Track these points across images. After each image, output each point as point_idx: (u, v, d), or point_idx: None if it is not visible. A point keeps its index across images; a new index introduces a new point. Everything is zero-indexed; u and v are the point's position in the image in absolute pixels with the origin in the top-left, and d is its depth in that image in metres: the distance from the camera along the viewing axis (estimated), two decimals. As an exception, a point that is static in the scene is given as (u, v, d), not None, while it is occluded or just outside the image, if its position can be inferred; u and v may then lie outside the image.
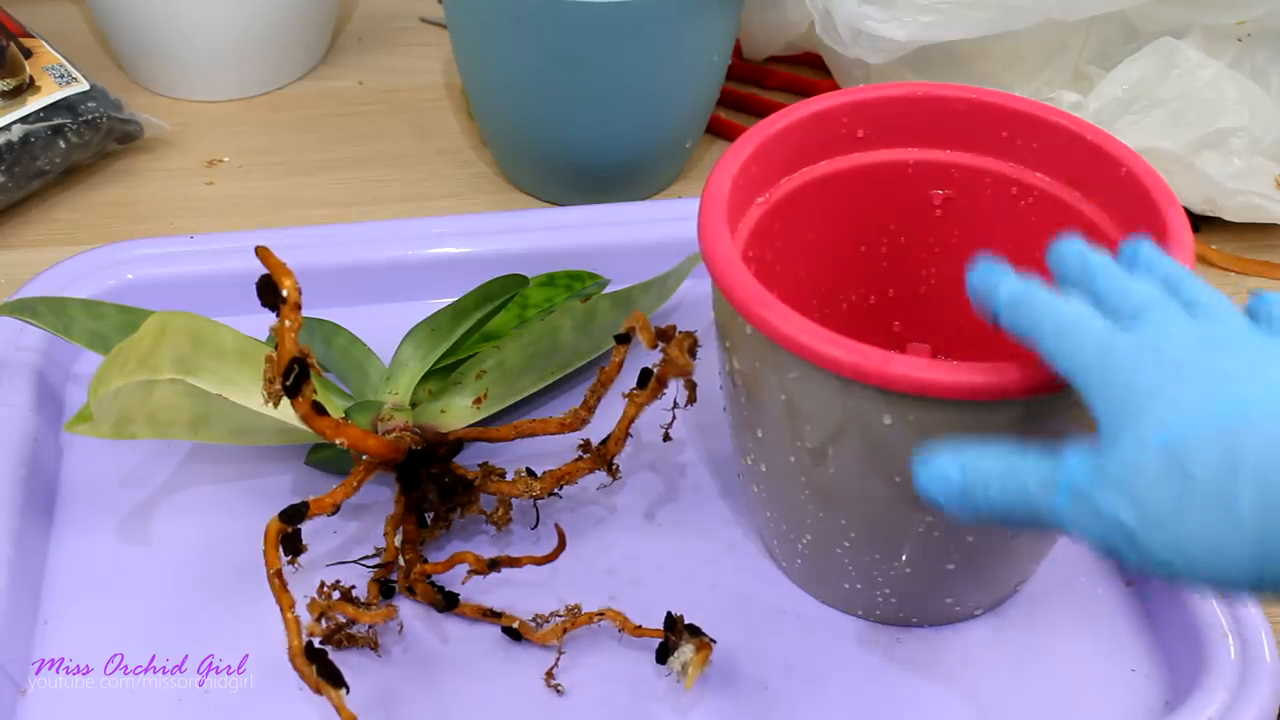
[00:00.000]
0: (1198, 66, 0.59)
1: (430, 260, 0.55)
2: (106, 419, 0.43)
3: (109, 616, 0.45)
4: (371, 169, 0.65)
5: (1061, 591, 0.46)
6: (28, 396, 0.49)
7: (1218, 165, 0.59)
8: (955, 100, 0.44)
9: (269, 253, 0.36)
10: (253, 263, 0.37)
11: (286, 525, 0.39)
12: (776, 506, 0.44)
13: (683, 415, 0.46)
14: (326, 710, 0.39)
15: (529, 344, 0.49)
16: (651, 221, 0.56)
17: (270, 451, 0.49)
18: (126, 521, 0.48)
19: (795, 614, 0.45)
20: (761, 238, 0.43)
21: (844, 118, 0.44)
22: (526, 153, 0.62)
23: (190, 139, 0.67)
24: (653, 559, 0.47)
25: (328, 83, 0.71)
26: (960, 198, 0.46)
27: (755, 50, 0.70)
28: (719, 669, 0.43)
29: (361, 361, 0.50)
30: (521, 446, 0.49)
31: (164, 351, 0.42)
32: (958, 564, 0.41)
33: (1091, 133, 0.42)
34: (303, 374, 0.37)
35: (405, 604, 0.45)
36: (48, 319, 0.48)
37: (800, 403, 0.38)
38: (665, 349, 0.42)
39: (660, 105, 0.60)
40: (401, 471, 0.44)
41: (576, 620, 0.43)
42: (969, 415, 0.36)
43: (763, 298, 0.37)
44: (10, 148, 0.60)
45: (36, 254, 0.60)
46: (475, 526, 0.48)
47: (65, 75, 0.63)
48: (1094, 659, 0.44)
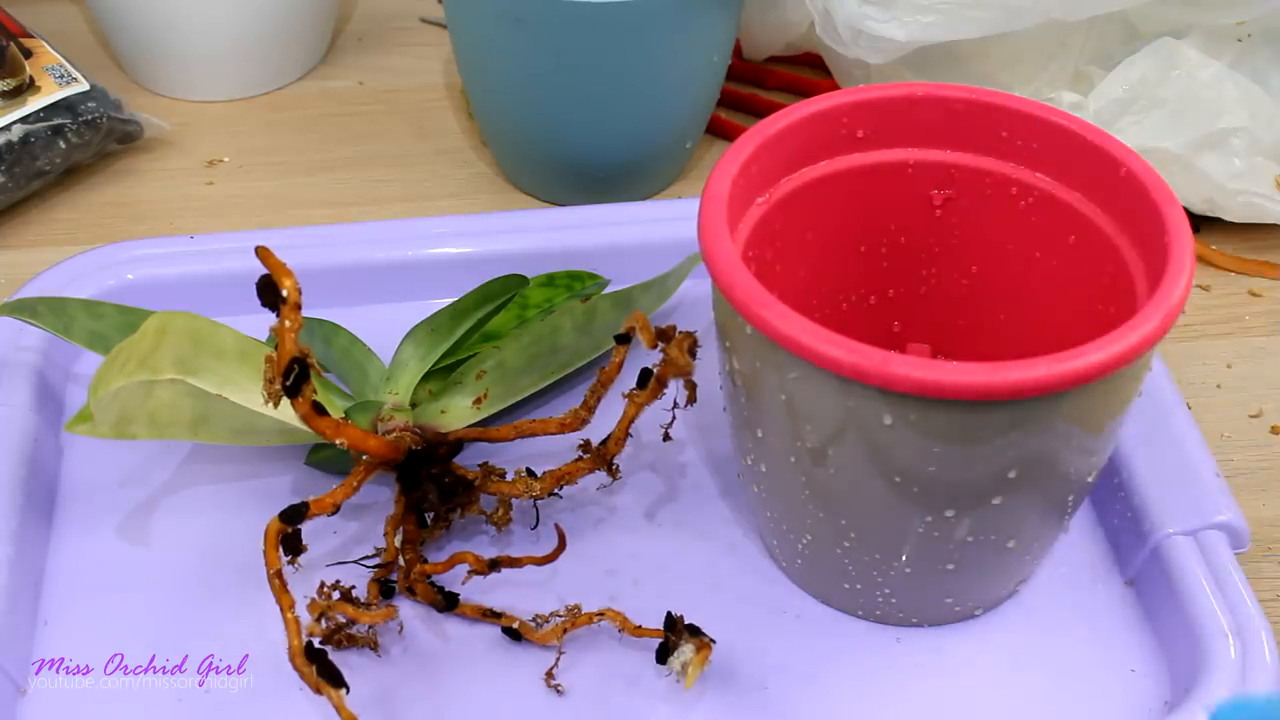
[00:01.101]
0: (1198, 66, 0.59)
1: (430, 260, 0.55)
2: (106, 419, 0.43)
3: (109, 616, 0.45)
4: (371, 169, 0.65)
5: (1061, 591, 0.46)
6: (28, 396, 0.49)
7: (1218, 165, 0.59)
8: (955, 100, 0.44)
9: (269, 253, 0.36)
10: (253, 263, 0.37)
11: (286, 525, 0.39)
12: (776, 506, 0.44)
13: (683, 415, 0.46)
14: (326, 710, 0.39)
15: (529, 344, 0.49)
16: (651, 221, 0.56)
17: (270, 451, 0.49)
18: (126, 521, 0.48)
19: (795, 614, 0.45)
20: (761, 238, 0.43)
21: (844, 118, 0.44)
22: (526, 153, 0.62)
23: (190, 139, 0.67)
24: (653, 559, 0.47)
25: (328, 83, 0.71)
26: (960, 198, 0.46)
27: (755, 50, 0.70)
28: (719, 669, 0.43)
29: (361, 361, 0.50)
30: (521, 446, 0.49)
31: (164, 351, 0.42)
32: (958, 564, 0.41)
33: (1091, 133, 0.42)
34: (303, 374, 0.37)
35: (405, 604, 0.45)
36: (48, 319, 0.48)
37: (800, 403, 0.38)
38: (665, 349, 0.42)
39: (660, 105, 0.60)
40: (401, 471, 0.44)
41: (576, 620, 0.43)
42: (969, 415, 0.36)
43: (763, 298, 0.37)
44: (10, 148, 0.60)
45: (36, 254, 0.60)
46: (475, 526, 0.48)
47: (65, 75, 0.63)
48: (1094, 659, 0.44)
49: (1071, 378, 0.35)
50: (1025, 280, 0.46)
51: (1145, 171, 0.41)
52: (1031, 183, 0.44)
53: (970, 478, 0.38)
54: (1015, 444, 0.37)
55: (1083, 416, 0.38)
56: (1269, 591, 0.47)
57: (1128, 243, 0.41)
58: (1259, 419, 0.53)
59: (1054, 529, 0.43)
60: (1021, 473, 0.38)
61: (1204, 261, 0.60)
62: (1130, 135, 0.59)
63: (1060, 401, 0.36)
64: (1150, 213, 0.40)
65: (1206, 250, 0.60)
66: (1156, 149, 0.58)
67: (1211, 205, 0.60)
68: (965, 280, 0.47)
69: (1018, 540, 0.41)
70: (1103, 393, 0.37)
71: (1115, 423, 0.39)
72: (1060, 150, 0.43)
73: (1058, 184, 0.44)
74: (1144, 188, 0.41)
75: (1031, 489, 0.39)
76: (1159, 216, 0.40)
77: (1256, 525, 0.48)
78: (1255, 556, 0.48)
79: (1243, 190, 0.59)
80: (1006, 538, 0.41)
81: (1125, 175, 0.41)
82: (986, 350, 0.47)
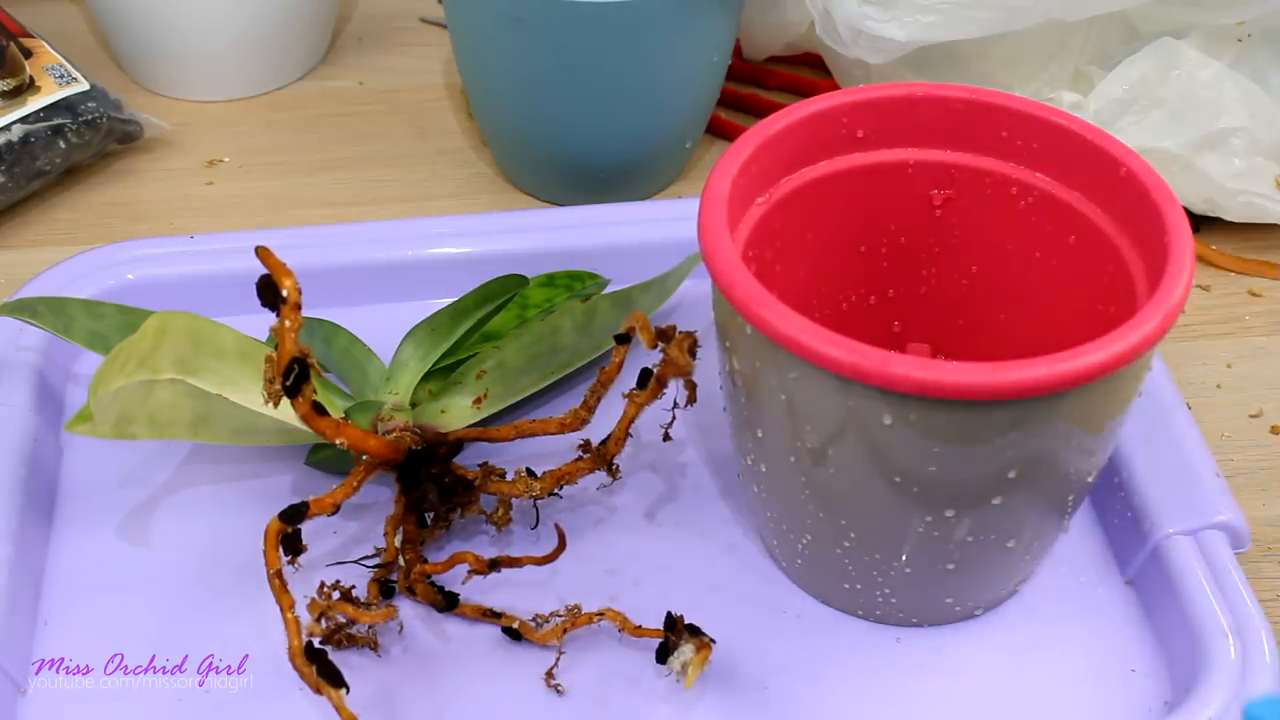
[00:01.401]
0: (1198, 66, 0.59)
1: (430, 260, 0.55)
2: (106, 419, 0.43)
3: (109, 616, 0.45)
4: (371, 169, 0.65)
5: (1061, 591, 0.46)
6: (28, 396, 0.49)
7: (1218, 165, 0.59)
8: (955, 100, 0.44)
9: (269, 253, 0.36)
10: (253, 263, 0.37)
11: (286, 525, 0.39)
12: (776, 506, 0.44)
13: (683, 415, 0.46)
14: (326, 710, 0.39)
15: (529, 344, 0.49)
16: (651, 221, 0.56)
17: (270, 451, 0.49)
18: (126, 521, 0.48)
19: (795, 614, 0.45)
20: (761, 238, 0.43)
21: (844, 118, 0.44)
22: (526, 153, 0.62)
23: (190, 139, 0.67)
24: (653, 559, 0.47)
25: (328, 83, 0.71)
26: (960, 198, 0.46)
27: (755, 50, 0.70)
28: (719, 669, 0.43)
29: (361, 361, 0.50)
30: (521, 446, 0.49)
31: (164, 351, 0.42)
32: (958, 564, 0.41)
33: (1091, 133, 0.42)
34: (303, 374, 0.37)
35: (405, 604, 0.45)
36: (48, 319, 0.48)
37: (800, 403, 0.38)
38: (665, 349, 0.42)
39: (660, 105, 0.60)
40: (401, 471, 0.44)
41: (576, 620, 0.43)
42: (969, 415, 0.36)
43: (763, 298, 0.37)
44: (10, 148, 0.60)
45: (36, 254, 0.60)
46: (475, 526, 0.48)
47: (65, 75, 0.63)
48: (1094, 659, 0.44)
49: (1071, 378, 0.35)
50: (1025, 280, 0.46)
51: (1145, 171, 0.41)
52: (1031, 183, 0.44)
53: (970, 478, 0.38)
54: (1015, 444, 0.37)
55: (1083, 416, 0.38)
56: (1269, 591, 0.47)
57: (1128, 243, 0.41)
58: (1259, 419, 0.53)
59: (1054, 529, 0.43)
60: (1021, 473, 0.38)
61: (1204, 261, 0.60)
62: (1130, 135, 0.59)
63: (1060, 401, 0.36)
64: (1150, 213, 0.40)
65: (1206, 250, 0.61)
66: (1156, 149, 0.58)
67: (1211, 205, 0.60)
68: (965, 280, 0.47)
69: (1018, 540, 0.41)
70: (1103, 393, 0.37)
71: (1115, 423, 0.39)
72: (1060, 150, 0.43)
73: (1058, 184, 0.44)
74: (1144, 188, 0.41)
75: (1031, 489, 0.39)
76: (1159, 216, 0.40)
77: (1256, 525, 0.48)
78: (1255, 556, 0.48)
79: (1243, 190, 0.59)
80: (1006, 537, 0.41)
81: (1125, 175, 0.41)
82: (986, 350, 0.47)
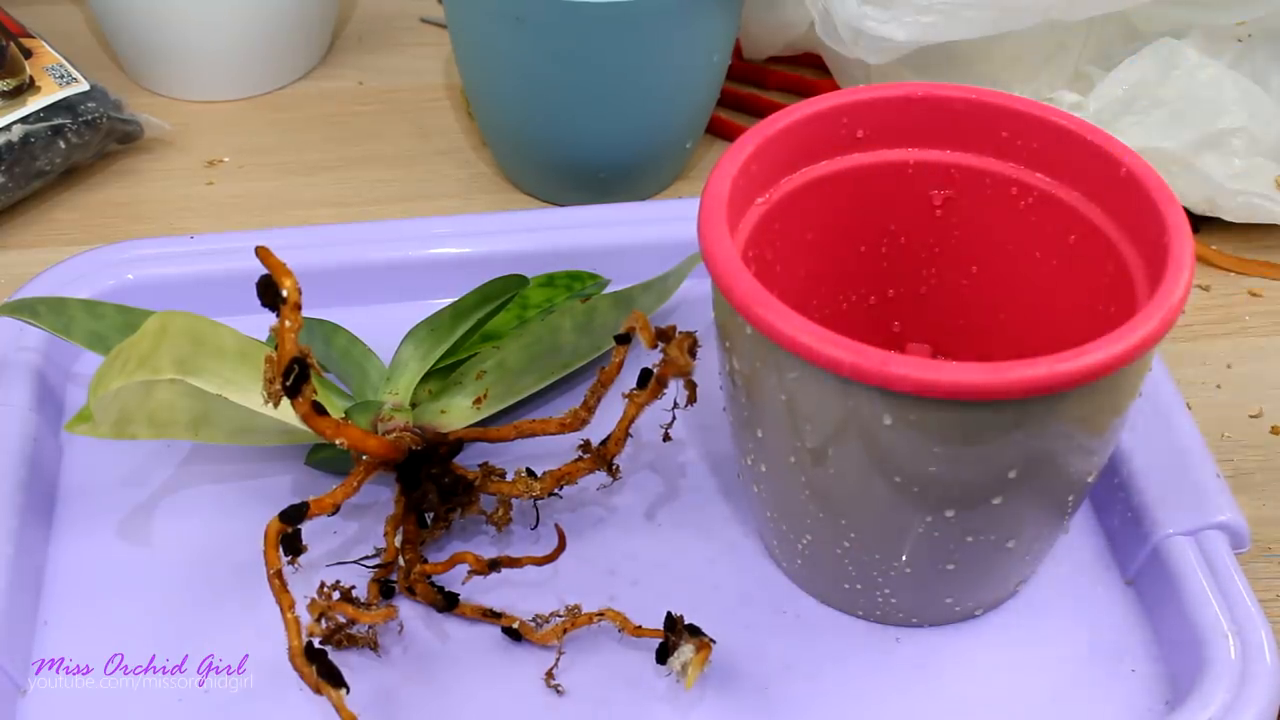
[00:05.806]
0: (1198, 66, 0.59)
1: (430, 260, 0.55)
2: (106, 419, 0.43)
3: (109, 616, 0.45)
4: (371, 169, 0.65)
5: (1061, 591, 0.46)
6: (28, 396, 0.49)
7: (1218, 165, 0.59)
8: (955, 100, 0.44)
9: (269, 253, 0.36)
10: (253, 263, 0.37)
11: (286, 525, 0.39)
12: (776, 506, 0.44)
13: (683, 415, 0.46)
14: (326, 710, 0.39)
15: (529, 344, 0.49)
16: (651, 221, 0.56)
17: (270, 451, 0.49)
18: (126, 521, 0.48)
19: (795, 614, 0.45)
20: (761, 238, 0.43)
21: (844, 118, 0.44)
22: (527, 153, 0.62)
23: (190, 139, 0.67)
24: (653, 559, 0.47)
25: (328, 83, 0.71)
26: (960, 198, 0.46)
27: (755, 50, 0.70)
28: (719, 669, 0.43)
29: (361, 361, 0.50)
30: (521, 446, 0.49)
31: (164, 351, 0.42)
32: (958, 564, 0.41)
33: (1091, 133, 0.42)
34: (303, 374, 0.37)
35: (405, 604, 0.45)
36: (48, 319, 0.48)
37: (800, 403, 0.38)
38: (665, 349, 0.42)
39: (660, 105, 0.60)
40: (401, 471, 0.44)
41: (576, 620, 0.43)
42: (969, 415, 0.36)
43: (763, 298, 0.37)
44: (10, 148, 0.60)
45: (36, 254, 0.60)
46: (475, 526, 0.48)
47: (65, 75, 0.63)
48: (1094, 659, 0.44)
49: (1072, 378, 0.35)
50: (1025, 280, 0.46)
51: (1145, 171, 0.41)
52: (1031, 183, 0.44)
53: (970, 478, 0.38)
54: (1015, 444, 0.37)
55: (1083, 416, 0.38)
56: (1269, 591, 0.47)
57: (1128, 243, 0.41)
58: (1259, 419, 0.53)
59: (1054, 529, 0.43)
60: (1021, 473, 0.38)
61: (1204, 261, 0.60)
62: (1130, 135, 0.59)
63: (1060, 402, 0.36)
64: (1150, 213, 0.40)
65: (1206, 250, 0.61)
66: (1156, 149, 0.58)
67: (1211, 205, 0.60)
68: (965, 280, 0.47)
69: (1018, 540, 0.41)
70: (1103, 393, 0.37)
71: (1115, 423, 0.39)
72: (1060, 150, 0.43)
73: (1058, 184, 0.44)
74: (1144, 188, 0.41)
75: (1031, 489, 0.39)
76: (1159, 216, 0.40)
77: (1256, 525, 0.48)
78: (1255, 556, 0.48)
79: (1243, 190, 0.59)
80: (1006, 537, 0.41)
81: (1125, 175, 0.41)
82: (986, 350, 0.47)
